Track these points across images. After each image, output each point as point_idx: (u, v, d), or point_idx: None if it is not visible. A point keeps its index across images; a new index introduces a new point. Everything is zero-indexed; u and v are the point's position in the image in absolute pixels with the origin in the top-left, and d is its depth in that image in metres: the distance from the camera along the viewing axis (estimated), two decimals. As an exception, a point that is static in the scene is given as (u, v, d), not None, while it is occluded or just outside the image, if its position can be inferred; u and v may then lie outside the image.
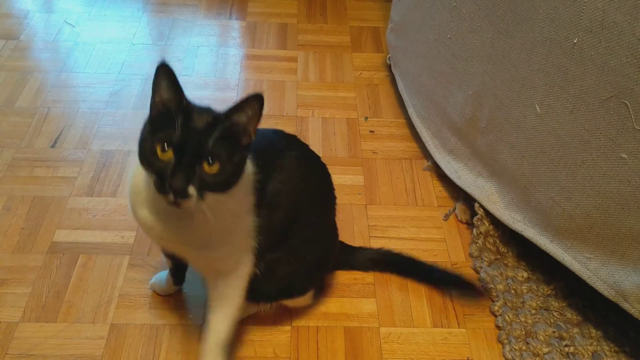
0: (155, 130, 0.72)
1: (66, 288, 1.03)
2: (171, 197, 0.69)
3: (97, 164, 1.26)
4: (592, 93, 0.86)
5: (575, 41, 0.87)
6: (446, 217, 1.20)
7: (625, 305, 0.88)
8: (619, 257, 0.88)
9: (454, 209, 1.21)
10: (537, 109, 0.97)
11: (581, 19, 0.85)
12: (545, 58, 0.93)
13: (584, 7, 0.84)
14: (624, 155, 0.83)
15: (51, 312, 0.99)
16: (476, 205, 1.13)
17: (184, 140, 0.70)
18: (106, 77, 1.50)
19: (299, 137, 0.98)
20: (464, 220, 1.19)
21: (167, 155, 0.70)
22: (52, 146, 1.30)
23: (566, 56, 0.89)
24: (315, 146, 1.35)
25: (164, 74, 0.71)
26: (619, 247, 0.88)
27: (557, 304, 1.04)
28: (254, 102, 0.71)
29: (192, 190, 0.70)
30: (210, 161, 0.70)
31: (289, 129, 1.39)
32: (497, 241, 1.12)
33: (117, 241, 1.11)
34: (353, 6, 1.81)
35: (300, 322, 1.01)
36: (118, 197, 1.19)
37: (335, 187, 1.01)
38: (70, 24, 1.68)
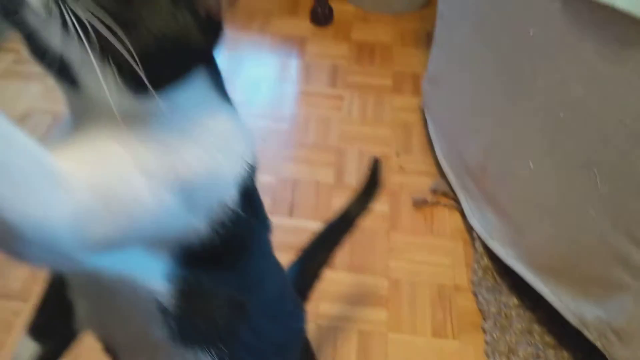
0: None
1: None
2: None
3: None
4: (571, 159, 1.06)
5: (561, 115, 1.07)
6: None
7: (586, 332, 1.07)
8: (584, 294, 1.08)
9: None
10: (531, 165, 1.18)
11: (567, 98, 1.05)
12: (540, 125, 1.14)
13: (570, 89, 1.04)
14: (591, 212, 1.03)
15: None
16: (477, 243, 1.34)
17: None
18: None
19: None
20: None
21: None
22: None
23: (554, 125, 1.09)
24: (350, 177, 1.59)
25: None
26: (585, 286, 1.07)
27: (539, 328, 1.23)
28: None
29: None
30: None
31: (330, 159, 1.64)
32: (495, 274, 1.32)
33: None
34: (398, 52, 2.04)
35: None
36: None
37: (364, 220, 1.17)
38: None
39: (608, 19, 0.91)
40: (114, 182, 0.45)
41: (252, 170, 0.56)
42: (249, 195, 0.56)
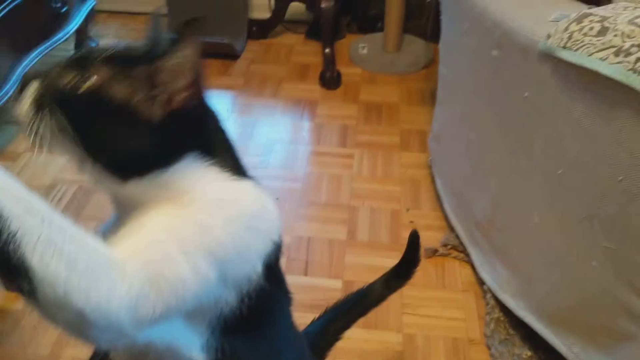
0: None
1: None
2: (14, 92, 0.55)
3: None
4: (573, 212, 1.11)
5: (560, 171, 1.12)
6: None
7: (598, 384, 1.09)
8: (594, 344, 1.10)
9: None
10: (536, 218, 1.22)
11: (564, 155, 1.11)
12: (541, 180, 1.19)
13: (566, 147, 1.10)
14: (594, 263, 1.07)
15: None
16: (487, 295, 1.37)
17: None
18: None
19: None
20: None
21: None
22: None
23: (555, 182, 1.14)
24: (363, 233, 1.64)
25: None
26: (594, 336, 1.10)
27: (553, 380, 1.25)
28: (186, 50, 0.54)
29: (33, 86, 0.54)
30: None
31: (342, 216, 1.69)
32: (507, 326, 1.34)
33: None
34: (405, 111, 2.12)
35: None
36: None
37: (377, 276, 1.22)
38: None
39: (594, 82, 0.97)
40: (160, 267, 0.52)
41: (276, 247, 0.63)
42: (273, 269, 0.63)
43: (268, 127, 2.05)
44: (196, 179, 0.58)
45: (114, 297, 0.48)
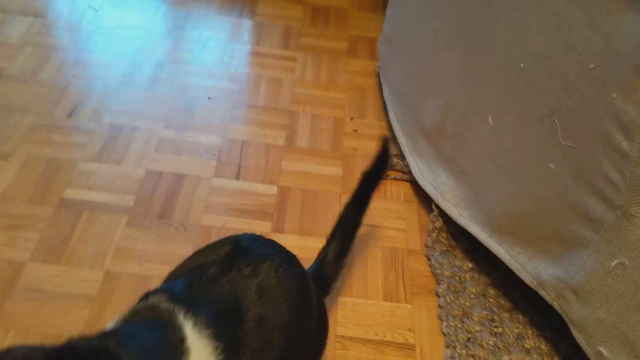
0: None
1: (70, 237, 1.18)
2: None
3: (106, 135, 1.42)
4: (532, 111, 1.01)
5: (522, 65, 1.02)
6: None
7: (543, 293, 1.03)
8: (542, 253, 1.04)
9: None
10: (491, 121, 1.12)
11: (528, 48, 1.00)
12: (500, 79, 1.09)
13: (532, 39, 0.99)
14: (551, 165, 0.98)
15: (56, 256, 1.15)
16: (433, 204, 1.28)
17: None
18: (122, 59, 1.66)
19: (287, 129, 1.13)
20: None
21: None
22: (68, 116, 1.46)
23: (515, 78, 1.04)
24: (302, 140, 1.51)
25: None
26: (543, 244, 1.03)
27: (494, 292, 1.19)
28: None
29: None
30: None
31: (281, 121, 1.55)
32: (449, 236, 1.27)
33: (118, 202, 1.27)
34: (354, 16, 1.97)
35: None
36: (122, 165, 1.35)
37: (316, 184, 1.14)
38: (93, 8, 1.84)
39: (574, -44, 0.86)
40: None
41: None
42: None
43: (202, 22, 1.85)
44: None
45: None
